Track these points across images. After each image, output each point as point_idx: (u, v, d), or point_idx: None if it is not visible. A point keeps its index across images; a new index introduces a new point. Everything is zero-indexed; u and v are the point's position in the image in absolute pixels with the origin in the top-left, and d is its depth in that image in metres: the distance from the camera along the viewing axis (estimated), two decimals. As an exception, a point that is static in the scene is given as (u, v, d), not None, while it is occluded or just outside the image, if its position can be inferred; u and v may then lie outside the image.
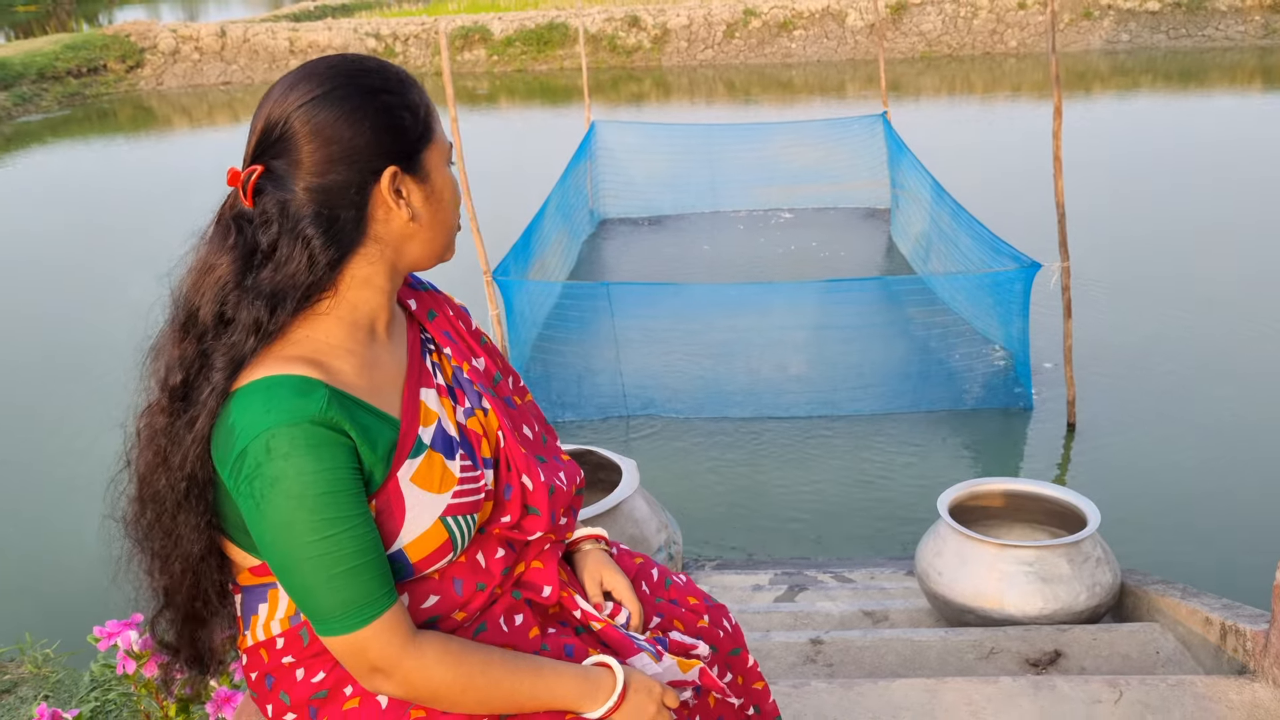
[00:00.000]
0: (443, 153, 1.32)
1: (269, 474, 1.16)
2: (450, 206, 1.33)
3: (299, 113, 1.23)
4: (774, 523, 4.26)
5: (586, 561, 1.53)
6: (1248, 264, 6.86)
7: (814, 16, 18.37)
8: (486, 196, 5.97)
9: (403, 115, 1.27)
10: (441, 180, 1.31)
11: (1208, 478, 4.42)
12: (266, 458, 1.16)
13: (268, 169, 1.24)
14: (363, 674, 1.22)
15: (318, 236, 1.23)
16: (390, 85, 1.28)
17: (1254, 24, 17.20)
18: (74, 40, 19.65)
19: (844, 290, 5.69)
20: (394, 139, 1.26)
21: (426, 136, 1.29)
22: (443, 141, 1.32)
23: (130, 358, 1.32)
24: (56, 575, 4.25)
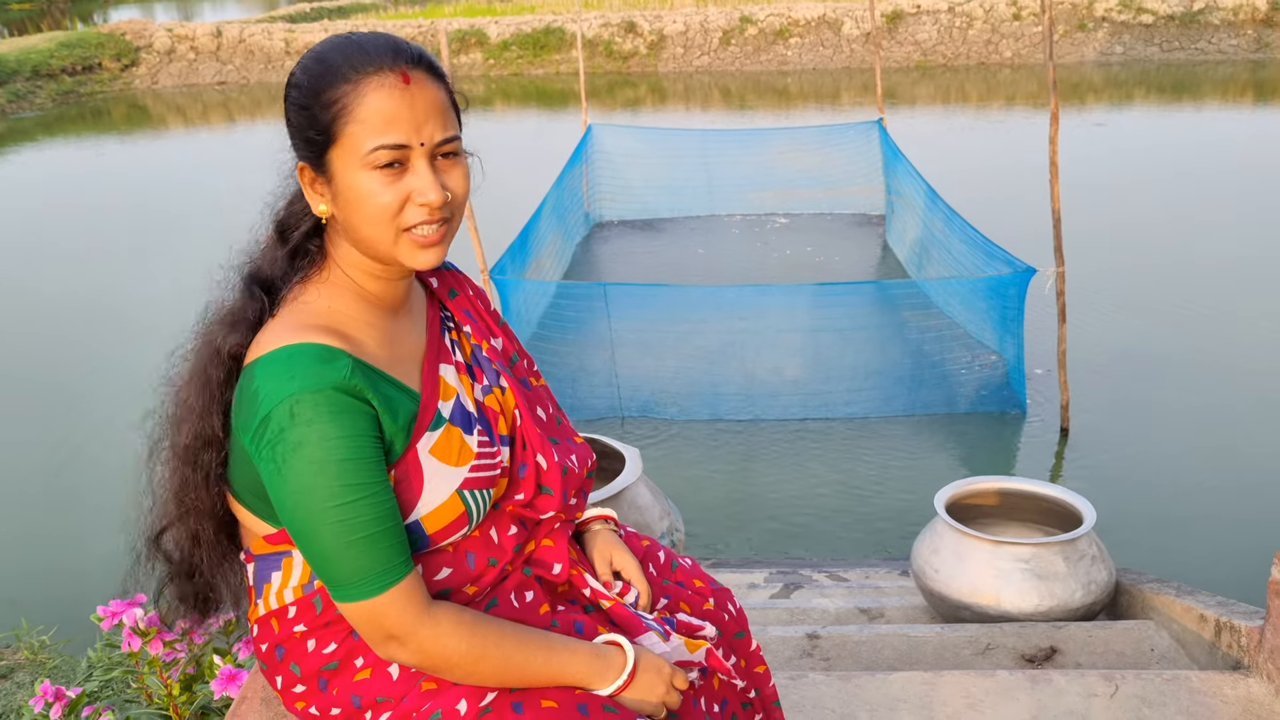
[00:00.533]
0: (355, 156, 1.23)
1: (292, 439, 1.17)
2: (364, 213, 1.25)
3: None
4: (769, 523, 4.27)
5: (596, 541, 1.54)
6: (1239, 271, 6.91)
7: (810, 25, 18.44)
8: (483, 197, 5.97)
9: (304, 112, 1.25)
10: (347, 184, 1.24)
11: (1201, 479, 4.45)
12: (290, 423, 1.17)
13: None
14: (378, 641, 1.23)
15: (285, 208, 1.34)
16: (306, 80, 1.26)
17: (1247, 38, 17.31)
18: (69, 38, 19.62)
19: (839, 294, 5.71)
20: (298, 135, 1.27)
21: (329, 138, 1.24)
22: (356, 145, 1.23)
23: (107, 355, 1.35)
24: (55, 563, 4.24)
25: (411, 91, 1.23)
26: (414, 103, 1.23)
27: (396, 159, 1.23)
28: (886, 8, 18.17)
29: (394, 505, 1.22)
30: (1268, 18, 17.24)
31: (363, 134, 1.22)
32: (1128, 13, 17.74)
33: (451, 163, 1.28)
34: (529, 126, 14.39)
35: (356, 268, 1.31)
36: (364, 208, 1.24)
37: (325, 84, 1.23)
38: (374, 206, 1.24)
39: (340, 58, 1.24)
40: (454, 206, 1.29)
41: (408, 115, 1.23)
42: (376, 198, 1.24)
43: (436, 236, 1.28)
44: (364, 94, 1.22)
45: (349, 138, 1.22)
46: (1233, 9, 17.59)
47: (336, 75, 1.23)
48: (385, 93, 1.22)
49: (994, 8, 18.09)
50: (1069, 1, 18.05)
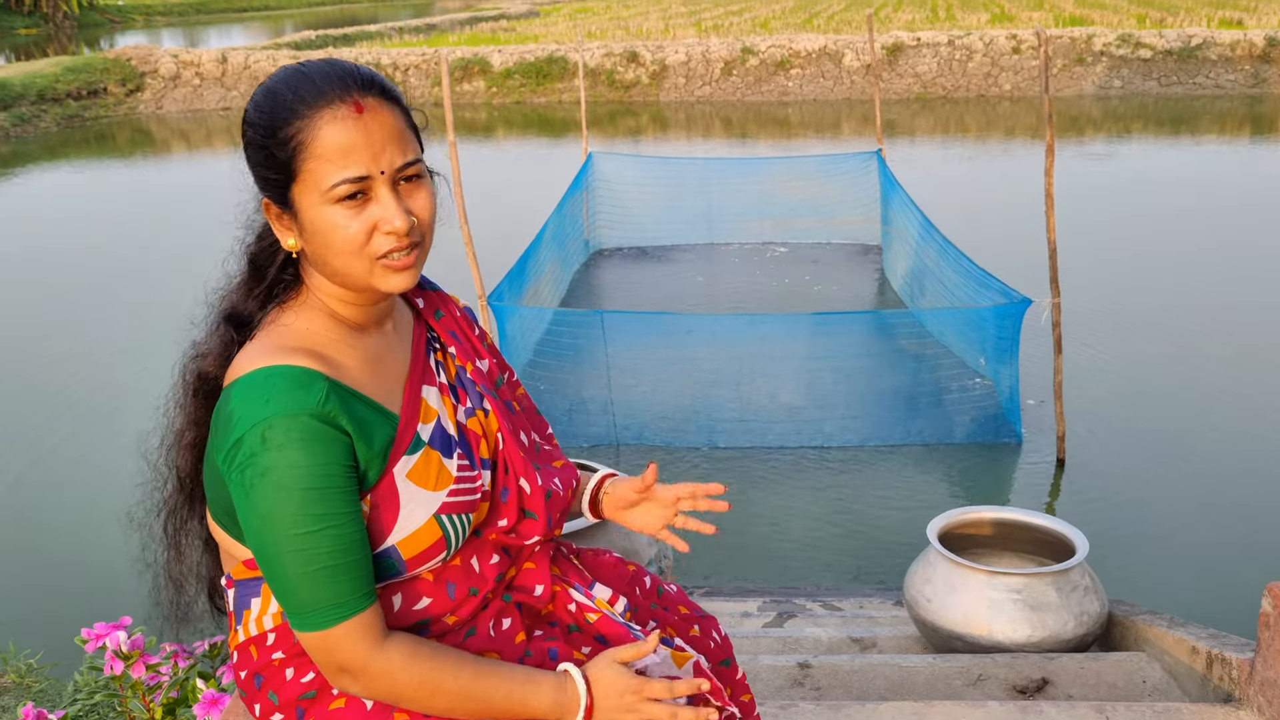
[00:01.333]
0: (316, 192, 1.21)
1: (261, 464, 1.17)
2: (333, 246, 1.23)
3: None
4: (763, 551, 4.26)
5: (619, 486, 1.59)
6: (1236, 302, 6.92)
7: (811, 56, 18.58)
8: (483, 224, 6.01)
9: (259, 151, 1.24)
10: (312, 219, 1.23)
11: (1195, 512, 4.44)
12: (261, 448, 1.16)
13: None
14: (330, 672, 1.23)
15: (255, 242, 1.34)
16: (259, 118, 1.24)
17: (1244, 73, 17.44)
18: (75, 63, 19.76)
19: (836, 323, 5.72)
20: (259, 171, 1.26)
21: (289, 175, 1.23)
22: (316, 181, 1.21)
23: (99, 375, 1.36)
24: (46, 582, 4.22)
25: (365, 120, 1.21)
26: (369, 131, 1.21)
27: (358, 190, 1.21)
28: (887, 40, 18.32)
29: (360, 537, 1.21)
30: (1264, 53, 17.39)
31: (321, 170, 1.20)
32: (1126, 47, 17.88)
33: (415, 186, 1.26)
34: (530, 154, 14.46)
35: (331, 295, 1.31)
36: (332, 242, 1.23)
37: (279, 121, 1.21)
38: (341, 240, 1.22)
39: (291, 92, 1.22)
40: (422, 229, 1.27)
41: (364, 145, 1.21)
42: (342, 230, 1.22)
43: (409, 260, 1.26)
44: (318, 128, 1.20)
45: (308, 174, 1.21)
46: (1229, 45, 17.74)
47: (289, 111, 1.21)
48: (339, 125, 1.20)
49: (993, 41, 18.24)
50: (1067, 35, 18.20)
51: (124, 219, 10.98)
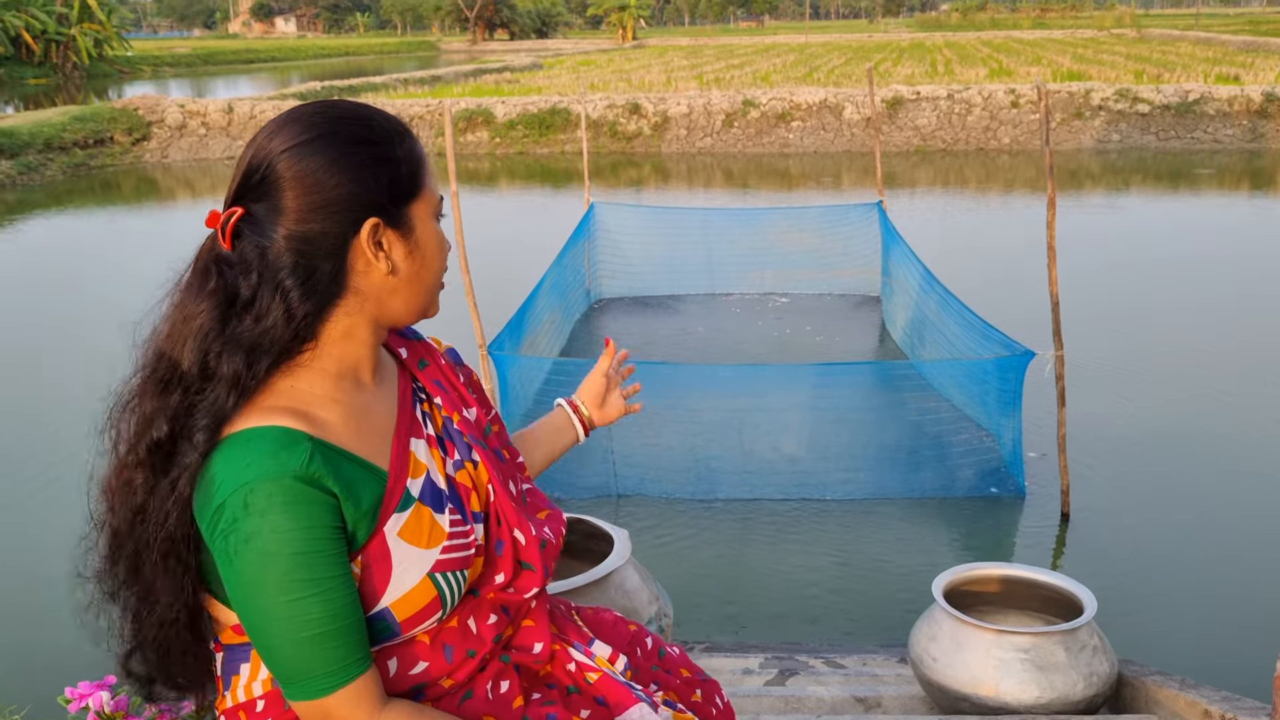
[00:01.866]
0: (430, 207, 1.29)
1: (244, 530, 1.12)
2: (434, 262, 1.30)
3: (283, 157, 1.21)
4: (765, 605, 4.20)
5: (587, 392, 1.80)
6: (1240, 357, 6.90)
7: (811, 109, 18.75)
8: (485, 272, 6.01)
9: (387, 166, 1.25)
10: (426, 235, 1.29)
11: (1205, 568, 4.38)
12: (244, 513, 1.12)
13: (248, 212, 1.22)
14: None
15: (295, 288, 1.20)
16: (376, 135, 1.25)
17: (1241, 128, 17.58)
18: (82, 112, 19.95)
19: (837, 374, 5.70)
20: (377, 190, 1.23)
21: (412, 189, 1.27)
22: (431, 196, 1.30)
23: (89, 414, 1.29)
24: (34, 638, 4.15)
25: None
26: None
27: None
28: (887, 94, 18.49)
29: (351, 601, 1.17)
30: (1261, 109, 17.55)
31: (433, 185, 1.30)
32: (1124, 102, 18.06)
33: None
34: (532, 204, 14.53)
35: (352, 337, 1.27)
36: (440, 257, 1.31)
37: (396, 139, 1.27)
38: (444, 254, 1.33)
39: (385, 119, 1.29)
40: None
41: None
42: (445, 245, 1.33)
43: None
44: (420, 149, 1.31)
45: (428, 189, 1.29)
46: (1227, 100, 17.90)
47: (398, 131, 1.29)
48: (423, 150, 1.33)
49: (992, 96, 18.41)
50: (1065, 90, 18.39)
51: (115, 264, 11.00)
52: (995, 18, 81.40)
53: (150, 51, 61.82)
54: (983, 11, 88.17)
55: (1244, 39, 37.25)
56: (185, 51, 65.31)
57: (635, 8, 79.00)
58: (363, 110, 1.28)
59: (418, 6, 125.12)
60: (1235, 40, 37.18)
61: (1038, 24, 72.90)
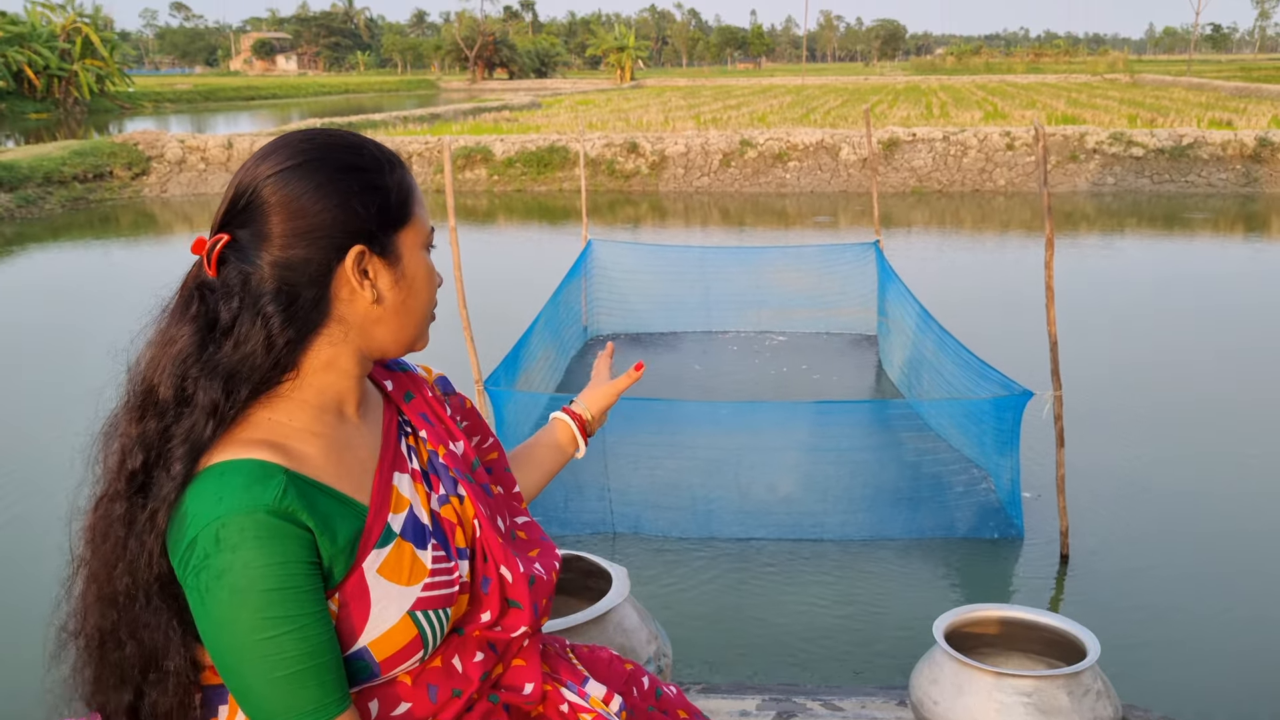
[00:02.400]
0: (420, 237, 1.27)
1: (216, 566, 1.09)
2: (422, 293, 1.29)
3: (268, 182, 1.19)
4: (762, 647, 4.14)
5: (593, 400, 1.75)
6: (1238, 398, 6.89)
7: (808, 149, 18.87)
8: (481, 308, 6.00)
9: (375, 194, 1.23)
10: (414, 265, 1.27)
11: (1206, 610, 4.33)
12: (215, 549, 1.09)
13: (234, 239, 1.20)
14: None
15: (277, 314, 1.18)
16: (366, 162, 1.24)
17: (1235, 172, 17.71)
18: (82, 147, 20.03)
19: (835, 413, 5.67)
20: (363, 217, 1.21)
21: (401, 218, 1.25)
22: (421, 226, 1.28)
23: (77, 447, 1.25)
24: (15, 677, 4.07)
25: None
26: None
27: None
28: (883, 135, 18.62)
29: (328, 638, 1.13)
30: (1255, 153, 17.68)
31: (423, 215, 1.29)
32: (1118, 145, 18.19)
33: None
34: (530, 241, 14.56)
35: (335, 367, 1.24)
36: (428, 287, 1.29)
37: (386, 167, 1.26)
38: (433, 286, 1.31)
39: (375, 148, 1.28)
40: None
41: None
42: (434, 277, 1.31)
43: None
44: (411, 181, 1.29)
45: (417, 219, 1.27)
46: (1220, 144, 18.04)
47: (389, 160, 1.27)
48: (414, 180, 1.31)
49: (987, 138, 18.55)
50: (1060, 133, 18.52)
51: (108, 297, 10.98)
52: (990, 62, 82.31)
53: (152, 88, 62.24)
54: (977, 56, 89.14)
55: (1236, 85, 37.65)
56: (186, 88, 65.78)
57: (633, 49, 79.83)
58: (352, 138, 1.27)
59: (418, 46, 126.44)
60: (1227, 86, 37.58)
61: (1032, 68, 73.68)
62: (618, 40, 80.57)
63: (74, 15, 48.42)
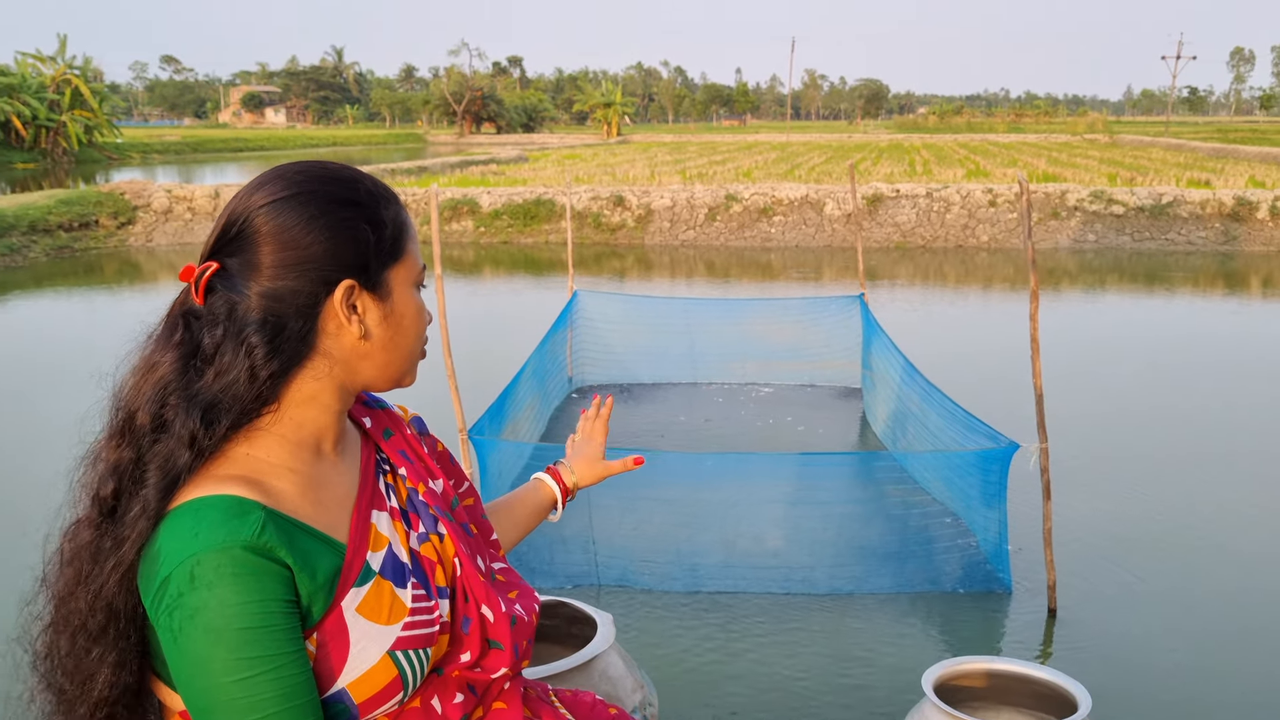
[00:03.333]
0: (411, 274, 1.27)
1: (190, 605, 1.06)
2: (410, 330, 1.28)
3: (261, 212, 1.18)
4: (749, 700, 4.07)
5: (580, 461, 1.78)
6: (1225, 450, 6.90)
7: (793, 204, 19.03)
8: (467, 358, 5.98)
9: (368, 228, 1.22)
10: (404, 302, 1.26)
11: (1196, 664, 4.29)
12: (189, 587, 1.06)
13: (223, 267, 1.19)
14: None
15: (262, 345, 1.16)
16: (360, 197, 1.23)
17: (1214, 230, 17.93)
18: (68, 196, 20.04)
19: (820, 464, 5.64)
20: (355, 252, 1.21)
21: (393, 254, 1.25)
22: (413, 263, 1.28)
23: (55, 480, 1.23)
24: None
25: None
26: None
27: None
28: (867, 191, 18.82)
29: (305, 679, 1.10)
30: (1233, 212, 17.92)
31: (415, 252, 1.28)
32: (1099, 203, 18.42)
33: None
34: (516, 292, 14.57)
35: (316, 402, 1.22)
36: (417, 325, 1.28)
37: (381, 203, 1.26)
38: (422, 324, 1.30)
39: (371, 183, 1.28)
40: None
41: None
42: (424, 315, 1.30)
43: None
44: (406, 216, 1.29)
45: (409, 255, 1.27)
46: (1199, 203, 18.28)
47: (384, 196, 1.27)
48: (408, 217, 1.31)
49: (970, 195, 18.75)
50: (1042, 191, 18.75)
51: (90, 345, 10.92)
52: (971, 121, 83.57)
53: (140, 139, 62.50)
54: (959, 115, 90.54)
55: (1213, 146, 38.30)
56: (175, 139, 66.08)
57: (620, 105, 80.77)
58: (348, 172, 1.26)
59: (406, 100, 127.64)
60: (1205, 147, 38.22)
61: (1013, 128, 74.86)
62: (605, 96, 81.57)
63: (64, 66, 48.72)
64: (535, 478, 1.76)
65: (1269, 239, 17.38)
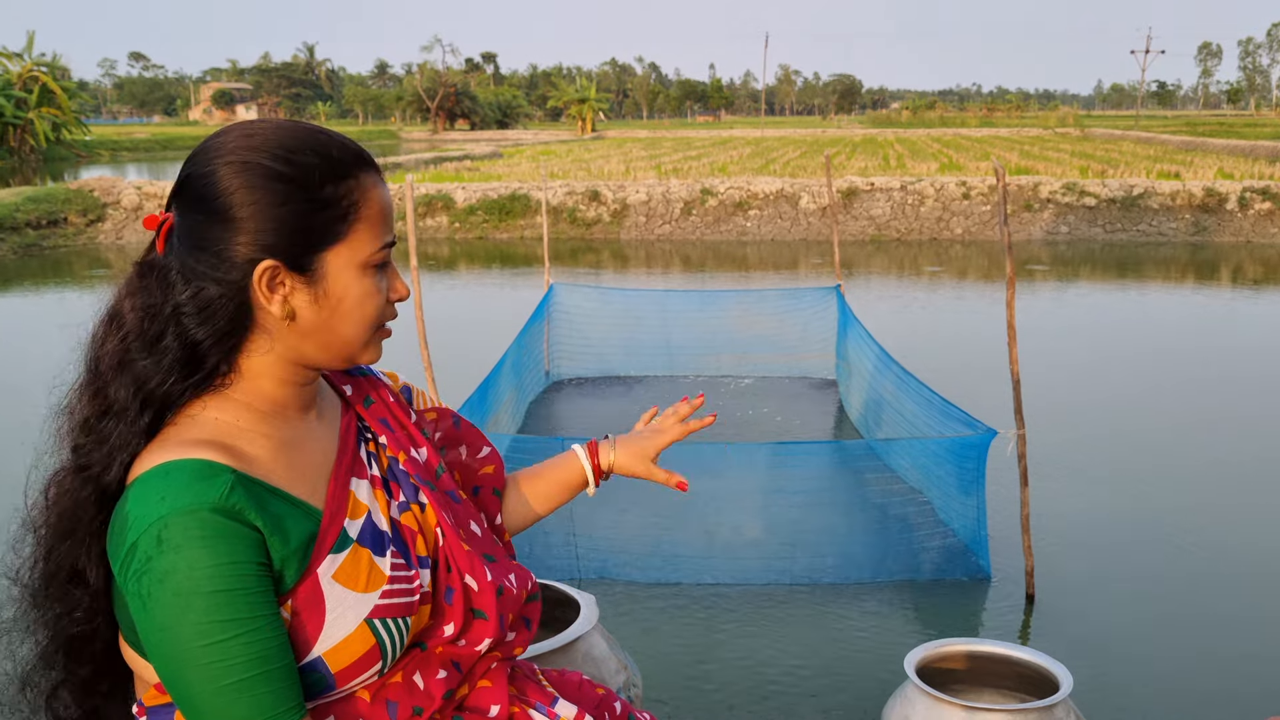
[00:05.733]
0: (357, 255, 1.18)
1: (158, 568, 1.03)
2: (351, 314, 1.19)
3: (206, 171, 1.15)
4: (731, 689, 4.07)
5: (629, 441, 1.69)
6: (1198, 438, 6.97)
7: (769, 198, 19.05)
8: (442, 351, 5.94)
9: (303, 207, 1.15)
10: (341, 286, 1.18)
11: (1175, 649, 4.33)
12: (157, 550, 1.03)
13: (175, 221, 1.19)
14: None
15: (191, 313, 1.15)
16: (301, 172, 1.16)
17: (1184, 222, 18.09)
18: (36, 193, 19.79)
19: (798, 454, 5.64)
20: (283, 232, 1.15)
21: (331, 236, 1.17)
22: (361, 244, 1.18)
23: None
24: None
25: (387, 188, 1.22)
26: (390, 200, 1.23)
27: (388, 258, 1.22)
28: (842, 184, 18.86)
29: (280, 643, 1.07)
30: (1203, 203, 18.08)
31: (368, 234, 1.19)
32: (1071, 195, 18.54)
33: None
34: (491, 286, 14.52)
35: (269, 375, 1.19)
36: (361, 309, 1.19)
37: (329, 178, 1.16)
38: (371, 307, 1.20)
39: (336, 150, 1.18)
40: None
41: (391, 213, 1.22)
42: (373, 299, 1.20)
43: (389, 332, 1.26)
44: (367, 190, 1.18)
45: (355, 235, 1.18)
46: (1170, 194, 18.44)
47: (339, 168, 1.17)
48: (380, 189, 1.20)
49: (944, 188, 18.84)
50: (1015, 183, 18.86)
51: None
52: (944, 116, 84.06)
53: (109, 136, 61.85)
54: (932, 110, 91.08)
55: (1182, 139, 38.68)
56: (144, 136, 65.44)
57: (595, 101, 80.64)
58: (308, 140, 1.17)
59: (379, 97, 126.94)
60: (1174, 140, 38.58)
61: (985, 122, 75.36)
62: (579, 92, 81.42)
63: (31, 63, 48.12)
64: (571, 449, 1.73)
65: (1238, 229, 17.55)
